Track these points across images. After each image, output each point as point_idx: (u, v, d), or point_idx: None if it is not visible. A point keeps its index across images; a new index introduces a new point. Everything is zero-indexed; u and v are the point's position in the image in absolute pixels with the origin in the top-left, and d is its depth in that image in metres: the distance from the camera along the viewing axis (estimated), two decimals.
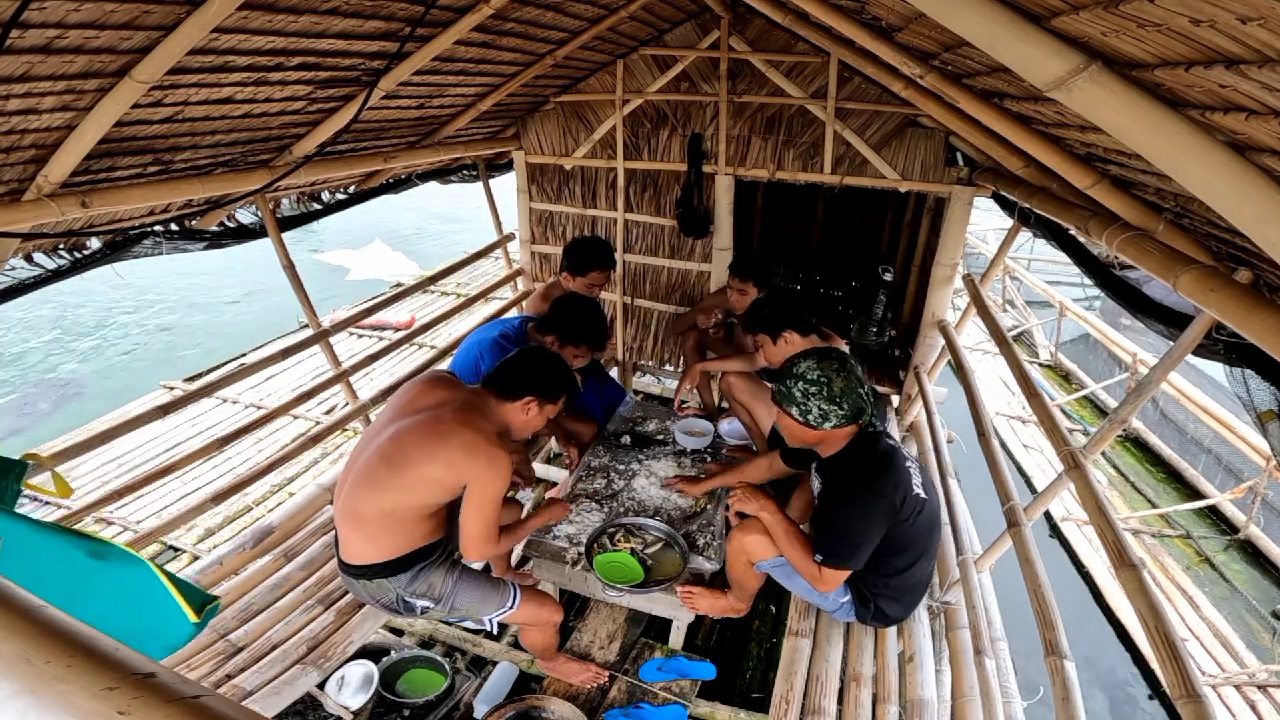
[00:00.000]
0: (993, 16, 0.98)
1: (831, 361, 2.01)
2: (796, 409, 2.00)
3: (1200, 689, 1.26)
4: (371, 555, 1.99)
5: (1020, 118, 1.86)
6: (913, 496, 2.01)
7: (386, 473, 1.89)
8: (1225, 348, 1.50)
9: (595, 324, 2.75)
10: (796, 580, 2.22)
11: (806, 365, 2.01)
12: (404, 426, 1.94)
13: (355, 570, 2.04)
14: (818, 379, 1.98)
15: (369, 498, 1.91)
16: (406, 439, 1.90)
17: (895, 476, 1.99)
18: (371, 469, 1.92)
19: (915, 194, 4.52)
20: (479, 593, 2.17)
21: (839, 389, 1.96)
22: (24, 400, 7.62)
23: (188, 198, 2.39)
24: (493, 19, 2.43)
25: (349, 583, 2.14)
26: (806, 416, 1.99)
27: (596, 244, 3.32)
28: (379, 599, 2.10)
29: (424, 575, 2.06)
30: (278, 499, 4.40)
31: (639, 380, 5.04)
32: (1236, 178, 0.89)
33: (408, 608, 2.10)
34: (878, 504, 1.96)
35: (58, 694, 0.39)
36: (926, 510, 2.08)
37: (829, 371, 1.97)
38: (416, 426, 1.92)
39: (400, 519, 1.96)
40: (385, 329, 7.11)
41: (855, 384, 1.99)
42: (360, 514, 1.94)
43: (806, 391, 1.98)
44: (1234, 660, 3.48)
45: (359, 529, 1.97)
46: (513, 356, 2.13)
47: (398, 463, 1.88)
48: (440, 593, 2.09)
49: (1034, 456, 5.39)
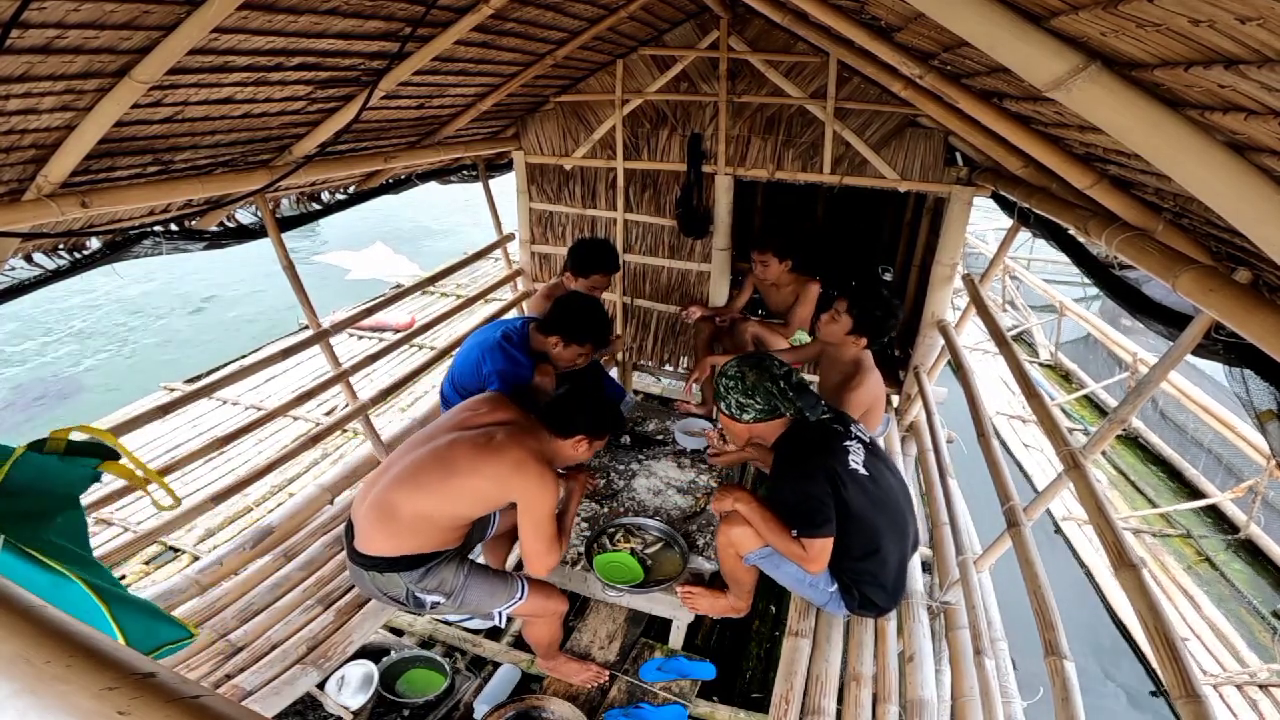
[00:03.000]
0: (992, 16, 0.98)
1: (749, 360, 2.25)
2: (723, 402, 2.23)
3: (1200, 689, 1.26)
4: (390, 549, 2.02)
5: (1020, 118, 1.86)
6: (850, 470, 2.13)
7: (434, 477, 1.97)
8: (1225, 348, 1.50)
9: (598, 322, 2.75)
10: (785, 569, 2.26)
11: (729, 364, 2.26)
12: (462, 438, 2.03)
13: (368, 561, 2.05)
14: (734, 373, 2.21)
15: (409, 497, 1.97)
16: (460, 449, 2.00)
17: (823, 450, 2.16)
18: (420, 471, 1.99)
19: (915, 194, 4.52)
20: (488, 586, 2.19)
21: (750, 382, 2.17)
22: (24, 400, 7.62)
23: (187, 198, 2.39)
24: (493, 19, 2.43)
25: (356, 573, 2.14)
26: (730, 410, 2.21)
27: (601, 246, 3.33)
28: (386, 592, 2.11)
29: (435, 571, 2.09)
30: (278, 499, 4.39)
31: (639, 380, 5.03)
32: (1236, 178, 0.89)
33: (417, 603, 2.11)
34: (809, 470, 2.12)
35: (58, 694, 0.39)
36: (876, 487, 2.18)
37: (744, 367, 2.21)
38: (474, 439, 2.02)
39: (433, 523, 2.02)
40: (385, 330, 7.11)
41: (766, 380, 2.17)
42: (395, 510, 1.98)
43: (727, 386, 2.21)
44: (1235, 660, 3.48)
45: (387, 523, 1.99)
46: (567, 395, 2.20)
47: (447, 469, 1.98)
48: (451, 587, 2.12)
49: (1034, 456, 5.39)
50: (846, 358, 2.81)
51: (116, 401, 6.00)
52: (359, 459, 3.42)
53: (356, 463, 3.38)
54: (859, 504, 2.13)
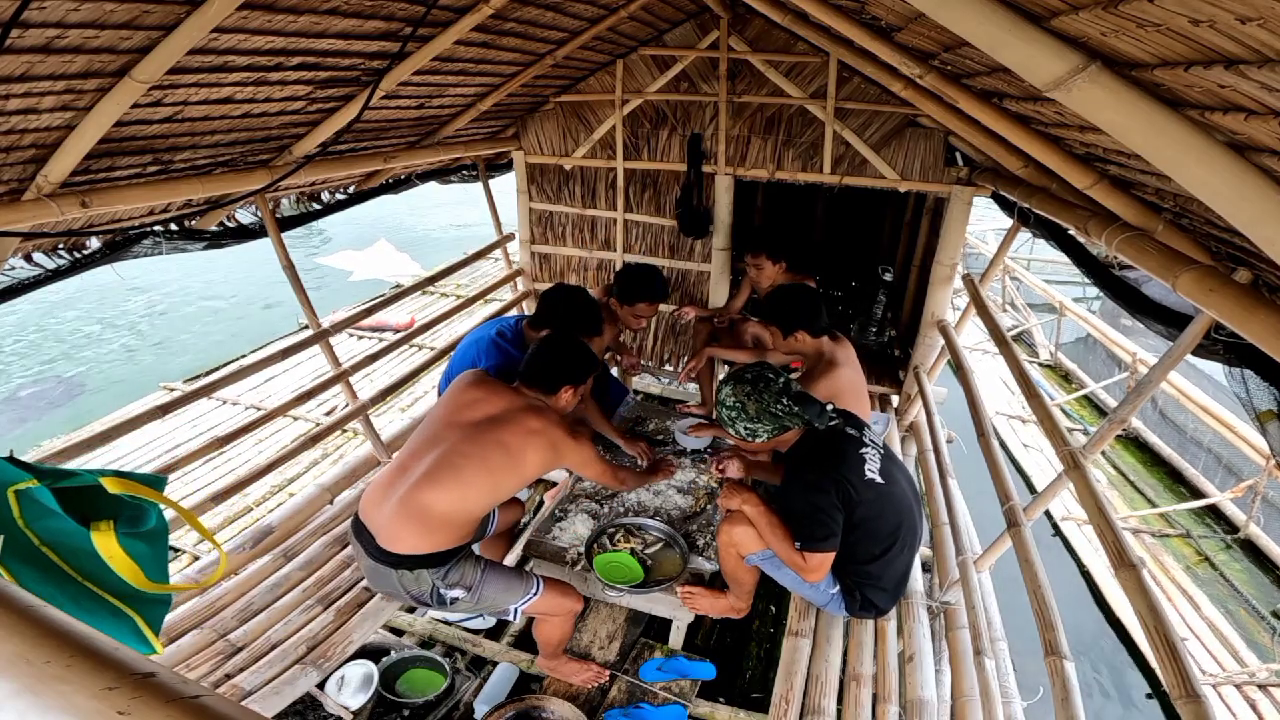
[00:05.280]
0: (992, 17, 0.98)
1: (744, 385, 2.15)
2: (731, 429, 2.18)
3: (1200, 689, 1.26)
4: (425, 546, 2.01)
5: (1020, 118, 1.86)
6: (866, 480, 2.08)
7: (479, 473, 2.00)
8: (1225, 348, 1.50)
9: (585, 311, 2.75)
10: (785, 572, 2.25)
11: (725, 393, 2.18)
12: (490, 430, 2.06)
13: (398, 560, 2.03)
14: (733, 404, 2.15)
15: (445, 494, 1.98)
16: (506, 442, 2.04)
17: (839, 460, 2.11)
18: (458, 468, 2.00)
19: (915, 194, 4.52)
20: (504, 582, 2.20)
21: (753, 411, 2.12)
22: (24, 400, 7.62)
23: (187, 198, 2.39)
24: (493, 19, 2.43)
25: (377, 571, 2.10)
26: (741, 434, 2.16)
27: (649, 273, 3.19)
28: (410, 590, 2.09)
29: (458, 567, 2.10)
30: (278, 499, 4.39)
31: (639, 380, 5.04)
32: (1236, 178, 0.89)
33: (439, 599, 2.11)
34: (823, 483, 2.06)
35: (58, 694, 0.39)
36: (890, 495, 2.14)
37: (741, 397, 2.14)
38: (509, 430, 2.05)
39: (467, 515, 2.05)
40: (385, 330, 7.11)
41: (770, 403, 2.12)
42: (428, 509, 1.98)
43: (731, 416, 2.16)
44: (1234, 659, 3.48)
45: (416, 522, 1.99)
46: (535, 354, 2.22)
47: (495, 464, 2.01)
48: (471, 582, 2.13)
49: (1033, 456, 5.39)
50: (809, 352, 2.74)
51: (117, 402, 5.99)
52: (359, 459, 3.41)
53: (356, 463, 3.38)
54: (871, 512, 2.10)
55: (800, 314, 2.67)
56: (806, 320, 2.67)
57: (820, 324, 2.69)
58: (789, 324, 2.69)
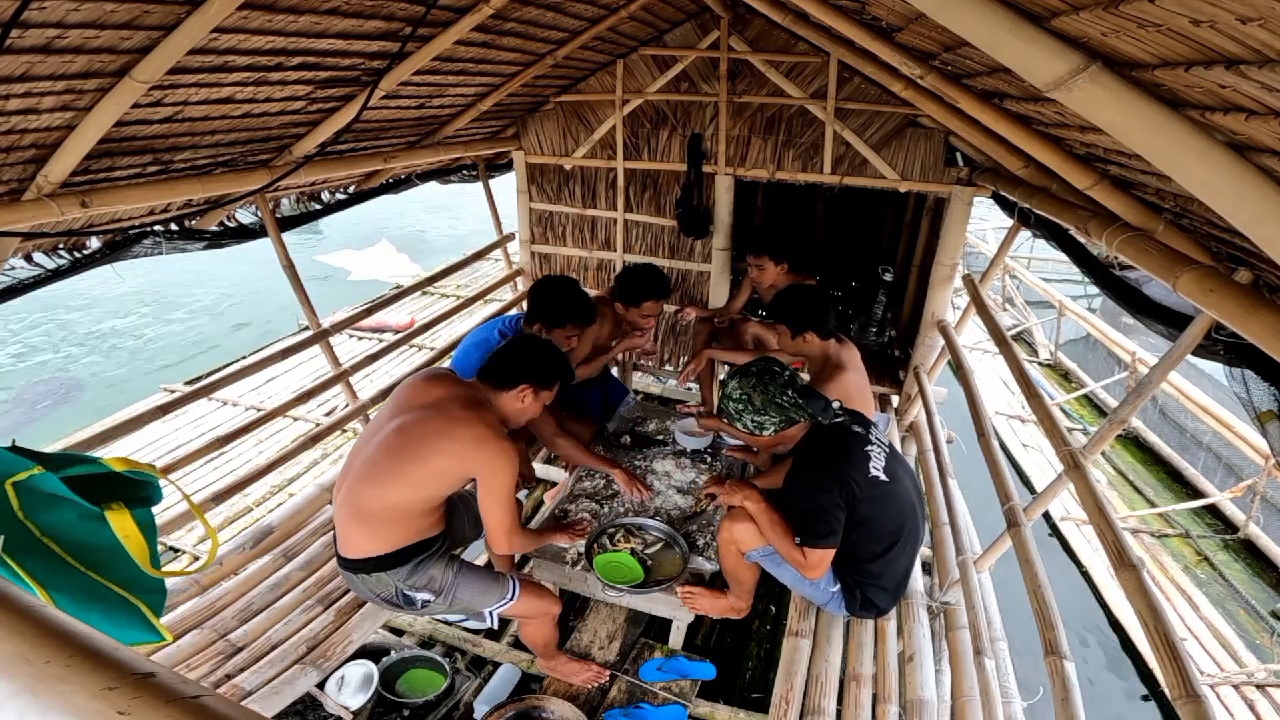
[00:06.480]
0: (993, 17, 0.98)
1: (750, 378, 2.17)
2: (738, 422, 2.18)
3: (1199, 689, 1.26)
4: (371, 548, 1.99)
5: (1020, 118, 1.86)
6: (870, 478, 2.08)
7: (393, 466, 1.90)
8: (1225, 348, 1.50)
9: (574, 300, 2.74)
10: (786, 568, 2.25)
11: (731, 386, 2.19)
12: (409, 421, 1.95)
13: (354, 564, 2.04)
14: (740, 397, 2.15)
15: (373, 492, 1.92)
16: (413, 433, 1.92)
17: (844, 458, 2.10)
18: (377, 463, 1.93)
19: (915, 194, 4.52)
20: (479, 585, 2.17)
21: (760, 403, 2.13)
22: (24, 400, 7.62)
23: (187, 198, 2.39)
24: (493, 19, 2.43)
25: (348, 578, 2.14)
26: (747, 428, 2.17)
27: (650, 272, 3.18)
28: (378, 593, 2.10)
29: (423, 568, 2.06)
30: (278, 499, 4.39)
31: (639, 380, 5.03)
32: (1236, 178, 0.89)
33: (408, 601, 2.10)
34: (826, 480, 2.06)
35: (58, 694, 0.39)
36: (894, 494, 2.14)
37: (747, 389, 2.15)
38: (423, 420, 1.94)
39: (404, 512, 1.98)
40: (385, 330, 7.11)
41: (775, 395, 2.13)
42: (363, 508, 1.95)
43: (737, 409, 2.17)
44: (1233, 660, 3.48)
45: (361, 523, 1.98)
46: (504, 347, 2.17)
47: (405, 456, 1.90)
48: (441, 585, 2.10)
49: (1033, 456, 5.39)
50: (816, 354, 2.77)
51: (117, 402, 5.99)
52: None
53: None
54: (874, 511, 2.10)
55: (811, 314, 2.68)
56: (816, 321, 2.67)
57: (829, 326, 2.70)
58: (799, 324, 2.69)
